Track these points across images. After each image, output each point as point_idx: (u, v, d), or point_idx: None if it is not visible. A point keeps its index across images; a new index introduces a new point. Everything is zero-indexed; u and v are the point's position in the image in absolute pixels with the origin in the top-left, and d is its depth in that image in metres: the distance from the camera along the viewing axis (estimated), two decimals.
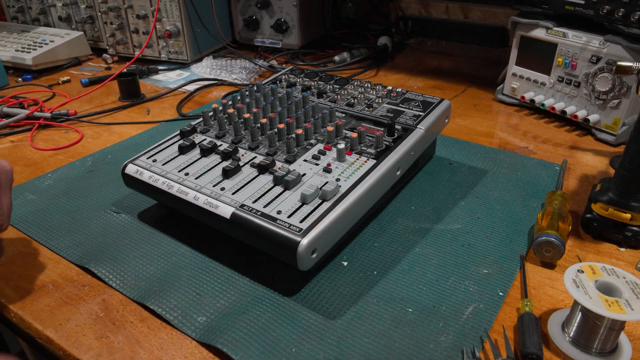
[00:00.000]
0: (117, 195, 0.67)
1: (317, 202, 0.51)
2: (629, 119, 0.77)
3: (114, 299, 0.50)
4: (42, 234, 0.60)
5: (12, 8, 1.32)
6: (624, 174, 0.55)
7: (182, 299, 0.49)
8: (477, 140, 0.81)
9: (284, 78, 0.79)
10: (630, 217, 0.55)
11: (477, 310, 0.48)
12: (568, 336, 0.44)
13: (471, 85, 1.04)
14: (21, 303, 0.50)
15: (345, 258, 0.55)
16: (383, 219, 0.61)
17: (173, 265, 0.54)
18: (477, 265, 0.53)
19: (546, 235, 0.52)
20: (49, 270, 0.54)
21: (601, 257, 0.56)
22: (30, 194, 0.68)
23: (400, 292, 0.50)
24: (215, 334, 0.45)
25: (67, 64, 1.19)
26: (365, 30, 1.37)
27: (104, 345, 0.45)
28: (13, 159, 0.78)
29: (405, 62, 1.21)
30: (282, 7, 1.20)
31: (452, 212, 0.62)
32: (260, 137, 0.63)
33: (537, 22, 0.85)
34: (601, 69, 0.77)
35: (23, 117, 0.88)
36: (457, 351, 0.43)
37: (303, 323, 0.47)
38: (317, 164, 0.57)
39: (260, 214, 0.50)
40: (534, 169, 0.72)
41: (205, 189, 0.54)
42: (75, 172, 0.73)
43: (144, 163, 0.60)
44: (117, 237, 0.59)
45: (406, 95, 0.71)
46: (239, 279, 0.52)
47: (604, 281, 0.43)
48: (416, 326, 0.46)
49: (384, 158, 0.57)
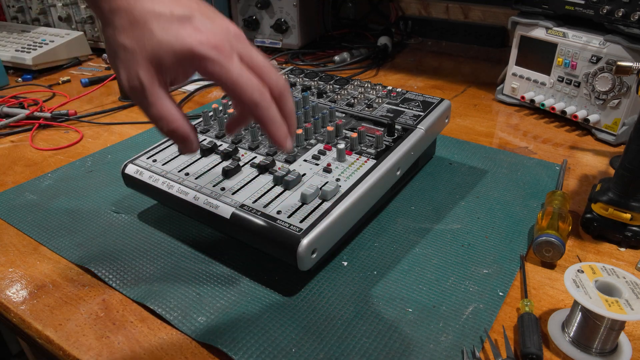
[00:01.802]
0: (117, 195, 0.67)
1: (317, 202, 0.51)
2: (629, 119, 0.77)
3: (114, 299, 0.50)
4: (42, 234, 0.60)
5: (12, 8, 1.32)
6: (624, 174, 0.55)
7: (182, 299, 0.49)
8: (477, 140, 0.81)
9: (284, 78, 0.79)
10: (630, 217, 0.55)
11: (477, 310, 0.48)
12: (568, 336, 0.44)
13: (471, 85, 1.04)
14: (21, 303, 0.50)
15: (345, 258, 0.55)
16: (383, 219, 0.61)
17: (173, 265, 0.54)
18: (477, 265, 0.53)
19: (546, 235, 0.52)
20: (49, 270, 0.54)
21: (601, 257, 0.56)
22: (30, 194, 0.68)
23: (400, 292, 0.50)
24: (215, 334, 0.45)
25: (67, 64, 1.19)
26: (365, 30, 1.37)
27: (104, 345, 0.45)
28: (13, 159, 0.78)
29: (405, 62, 1.21)
30: (282, 7, 1.20)
31: (452, 212, 0.62)
32: (260, 137, 0.63)
33: (537, 22, 0.85)
34: (601, 69, 0.77)
35: (23, 117, 0.88)
36: (457, 351, 0.43)
37: (303, 323, 0.47)
38: (317, 164, 0.57)
39: (260, 214, 0.50)
40: (534, 169, 0.72)
41: (205, 189, 0.54)
42: (75, 172, 0.73)
43: (144, 163, 0.60)
44: (117, 237, 0.59)
45: (406, 95, 0.71)
46: (239, 279, 0.52)
47: (604, 281, 0.43)
48: (416, 326, 0.46)
49: (384, 158, 0.57)
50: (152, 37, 0.35)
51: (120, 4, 0.35)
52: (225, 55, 0.36)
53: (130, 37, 0.35)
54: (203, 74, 0.37)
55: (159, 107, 0.36)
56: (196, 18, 0.36)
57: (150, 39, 0.35)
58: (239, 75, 0.36)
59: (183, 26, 0.35)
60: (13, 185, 0.70)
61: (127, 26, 0.35)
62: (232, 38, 0.37)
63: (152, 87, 0.36)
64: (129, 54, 0.35)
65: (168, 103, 0.37)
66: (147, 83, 0.36)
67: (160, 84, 0.36)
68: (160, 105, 0.36)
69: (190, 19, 0.36)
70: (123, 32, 0.35)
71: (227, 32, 0.37)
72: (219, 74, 0.36)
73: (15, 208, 0.65)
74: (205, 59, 0.35)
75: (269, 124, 0.38)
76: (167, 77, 0.37)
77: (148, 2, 0.35)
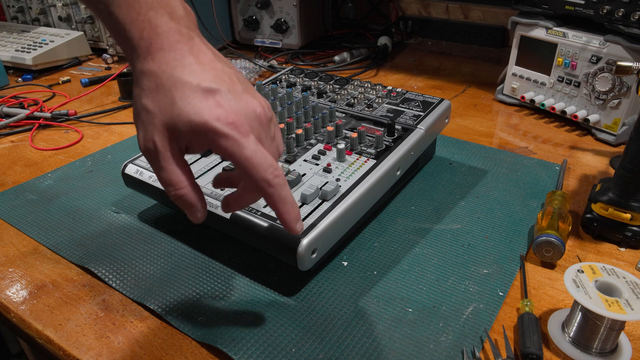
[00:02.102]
0: (117, 195, 0.67)
1: (317, 202, 0.51)
2: (629, 119, 0.77)
3: (114, 299, 0.50)
4: (42, 234, 0.60)
5: (12, 8, 1.32)
6: (624, 174, 0.55)
7: (182, 299, 0.49)
8: (477, 140, 0.81)
9: (284, 78, 0.79)
10: (630, 217, 0.55)
11: (477, 310, 0.48)
12: (568, 336, 0.44)
13: (471, 85, 1.04)
14: (21, 303, 0.50)
15: (345, 258, 0.55)
16: (383, 219, 0.61)
17: (173, 265, 0.54)
18: (477, 265, 0.53)
19: (546, 235, 0.52)
20: (49, 270, 0.54)
21: (601, 257, 0.56)
22: (30, 194, 0.68)
23: (400, 292, 0.50)
24: (215, 334, 0.45)
25: (67, 64, 1.19)
26: (365, 30, 1.37)
27: (104, 345, 0.45)
28: (13, 159, 0.78)
29: (405, 62, 1.21)
30: (282, 7, 1.20)
31: (452, 212, 0.62)
32: None
33: (537, 22, 0.85)
34: (601, 69, 0.77)
35: (23, 117, 0.88)
36: (457, 351, 0.43)
37: (303, 323, 0.47)
38: (317, 164, 0.57)
39: (260, 214, 0.50)
40: (534, 169, 0.72)
41: (205, 189, 0.54)
42: (75, 172, 0.73)
43: (144, 163, 0.60)
44: (117, 237, 0.59)
45: (406, 95, 0.71)
46: (239, 279, 0.52)
47: (604, 281, 0.43)
48: (416, 326, 0.46)
49: (384, 158, 0.57)
50: (172, 105, 0.35)
51: (151, 67, 0.35)
52: (239, 132, 0.35)
53: (153, 100, 0.36)
54: (216, 150, 0.36)
55: (169, 173, 0.37)
56: (222, 93, 0.36)
57: (170, 107, 0.35)
58: (253, 152, 0.35)
59: (206, 99, 0.35)
60: (13, 185, 0.70)
61: (153, 89, 0.35)
62: (254, 119, 0.37)
63: (164, 152, 0.36)
64: (149, 116, 0.36)
65: (177, 170, 0.37)
66: (161, 148, 0.36)
67: (173, 150, 0.37)
68: (170, 171, 0.37)
69: (215, 93, 0.35)
70: (149, 94, 0.36)
71: (249, 112, 0.37)
72: (231, 151, 0.35)
73: (15, 208, 0.65)
74: (218, 134, 0.35)
75: (281, 204, 0.38)
76: (182, 144, 0.37)
77: (179, 69, 0.35)
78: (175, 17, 0.36)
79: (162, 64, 0.35)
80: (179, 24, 0.36)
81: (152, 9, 0.35)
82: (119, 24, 0.35)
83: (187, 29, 0.37)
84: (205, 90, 0.35)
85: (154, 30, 0.35)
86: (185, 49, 0.36)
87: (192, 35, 0.37)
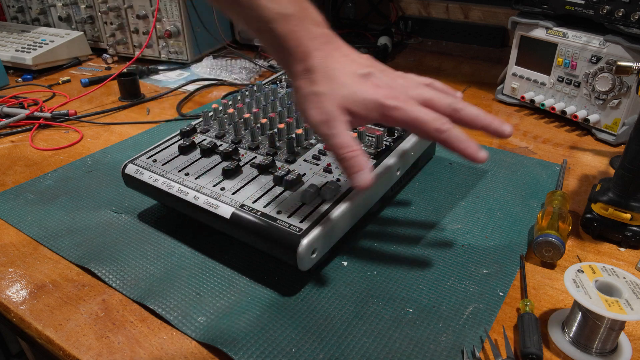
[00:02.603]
0: (117, 195, 0.67)
1: (317, 202, 0.51)
2: (629, 119, 0.77)
3: (114, 299, 0.50)
4: (42, 234, 0.60)
5: (12, 8, 1.32)
6: (624, 174, 0.55)
7: (182, 299, 0.49)
8: (477, 140, 0.80)
9: (284, 78, 0.79)
10: (630, 217, 0.55)
11: (477, 310, 0.48)
12: (568, 336, 0.44)
13: (471, 85, 1.04)
14: (21, 303, 0.50)
15: (345, 258, 0.55)
16: (383, 219, 0.61)
17: (173, 265, 0.54)
18: (477, 265, 0.53)
19: (546, 235, 0.52)
20: (49, 270, 0.54)
21: (601, 257, 0.56)
22: (30, 194, 0.68)
23: (400, 292, 0.50)
24: (215, 334, 0.45)
25: (67, 64, 1.19)
26: (365, 30, 1.37)
27: (104, 345, 0.45)
28: (13, 159, 0.78)
29: (405, 62, 1.21)
30: None
31: (452, 212, 0.62)
32: (260, 137, 0.63)
33: (537, 22, 0.85)
34: (601, 69, 0.77)
35: (23, 117, 0.88)
36: (457, 351, 0.43)
37: (303, 323, 0.47)
38: (317, 164, 0.57)
39: (260, 214, 0.50)
40: (534, 169, 0.72)
41: (205, 189, 0.54)
42: (75, 172, 0.73)
43: (144, 163, 0.60)
44: (117, 237, 0.59)
45: None
46: (239, 279, 0.52)
47: (604, 281, 0.43)
48: (416, 326, 0.46)
49: (384, 158, 0.57)
50: (344, 87, 0.44)
51: (316, 63, 0.44)
52: (402, 101, 0.43)
53: (323, 86, 0.44)
54: (386, 120, 0.44)
55: (344, 137, 0.43)
56: (375, 75, 0.45)
57: (342, 88, 0.44)
58: (417, 113, 0.43)
59: (365, 82, 0.44)
60: (13, 185, 0.70)
61: (321, 79, 0.44)
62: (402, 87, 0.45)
63: (339, 120, 0.44)
64: (322, 96, 0.44)
65: (350, 136, 0.44)
66: (337, 117, 0.44)
67: (345, 119, 0.44)
68: (344, 135, 0.43)
69: (370, 76, 0.45)
70: (316, 82, 0.44)
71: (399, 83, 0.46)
72: (402, 118, 0.43)
73: (15, 208, 0.65)
74: (389, 108, 0.43)
75: (457, 143, 0.43)
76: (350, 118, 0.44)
77: (339, 63, 0.45)
78: (320, 25, 0.46)
79: (322, 60, 0.44)
80: (323, 29, 0.46)
81: (303, 21, 0.44)
82: (278, 37, 0.44)
83: (329, 32, 0.46)
84: (363, 75, 0.45)
85: (308, 37, 0.44)
86: (332, 47, 0.46)
87: (332, 36, 0.46)
